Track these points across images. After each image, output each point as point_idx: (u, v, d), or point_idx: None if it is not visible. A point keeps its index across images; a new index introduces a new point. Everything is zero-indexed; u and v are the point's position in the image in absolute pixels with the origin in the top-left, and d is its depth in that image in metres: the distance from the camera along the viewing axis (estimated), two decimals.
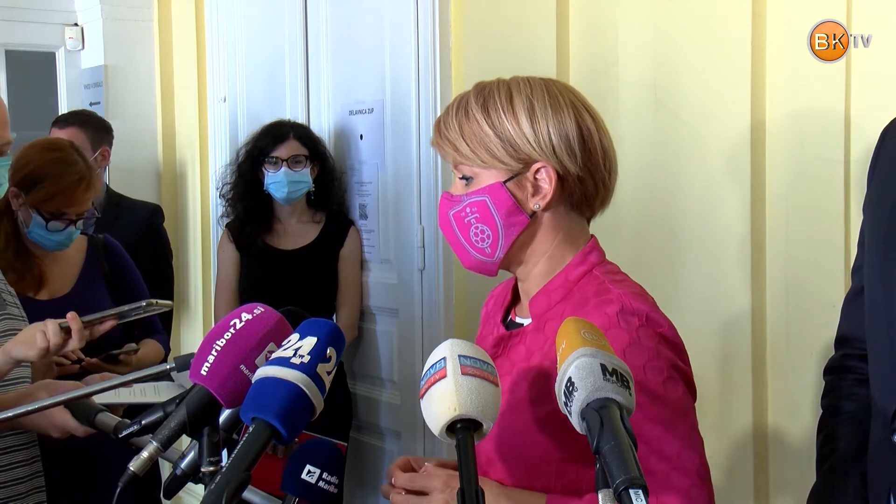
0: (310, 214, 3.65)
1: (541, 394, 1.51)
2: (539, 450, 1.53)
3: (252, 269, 3.68)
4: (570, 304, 1.55)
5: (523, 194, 1.57)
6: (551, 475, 1.52)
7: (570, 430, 1.47)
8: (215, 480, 1.11)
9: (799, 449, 2.39)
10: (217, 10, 4.59)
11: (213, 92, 4.64)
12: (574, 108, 1.57)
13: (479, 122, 1.57)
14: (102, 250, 2.97)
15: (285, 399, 1.18)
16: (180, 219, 5.02)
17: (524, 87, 1.58)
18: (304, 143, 3.59)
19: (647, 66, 2.81)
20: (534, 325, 1.61)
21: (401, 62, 3.44)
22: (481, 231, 1.59)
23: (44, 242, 2.73)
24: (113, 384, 1.91)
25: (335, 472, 1.40)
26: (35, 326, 2.16)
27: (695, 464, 1.45)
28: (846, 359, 1.83)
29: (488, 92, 1.59)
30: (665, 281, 2.71)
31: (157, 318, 3.00)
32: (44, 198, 2.66)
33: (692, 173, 2.70)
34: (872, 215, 1.73)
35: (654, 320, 1.50)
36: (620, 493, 1.00)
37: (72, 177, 2.69)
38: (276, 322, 1.33)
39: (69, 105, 5.01)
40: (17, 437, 2.21)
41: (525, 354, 1.58)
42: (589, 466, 1.48)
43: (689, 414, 1.51)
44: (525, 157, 1.55)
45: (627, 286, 1.57)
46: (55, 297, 2.77)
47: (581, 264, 1.60)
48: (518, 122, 1.55)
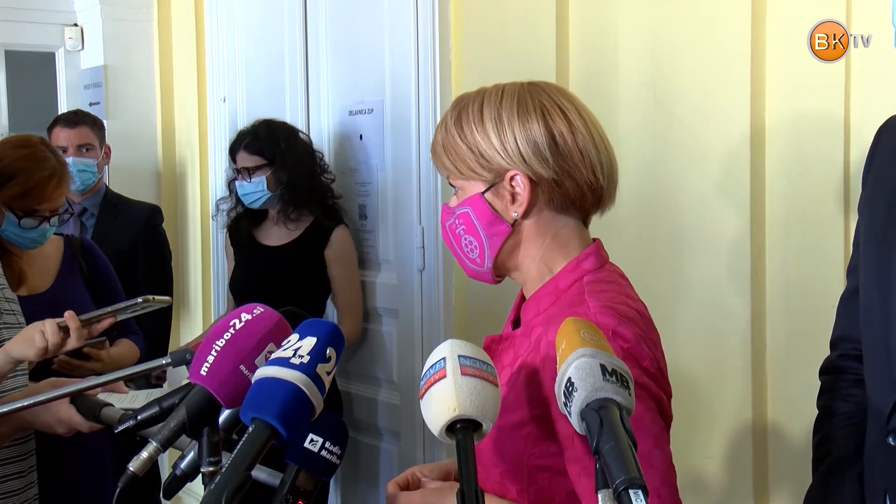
0: (297, 213, 3.60)
1: (519, 399, 1.51)
2: (512, 455, 1.52)
3: (238, 261, 3.75)
4: (555, 312, 1.54)
5: (502, 204, 1.58)
6: (524, 481, 1.52)
7: (542, 437, 1.49)
8: (215, 481, 1.11)
9: (798, 447, 2.39)
10: (217, 11, 4.59)
11: (213, 92, 4.64)
12: (544, 112, 1.56)
13: (454, 136, 1.60)
14: (80, 251, 2.96)
15: (285, 399, 1.18)
16: (180, 219, 5.02)
17: (495, 96, 1.59)
18: (254, 152, 3.56)
19: (647, 66, 2.81)
20: (522, 331, 1.60)
21: (401, 62, 3.44)
22: (469, 242, 1.62)
23: (18, 241, 2.68)
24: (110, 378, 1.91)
25: (338, 442, 1.39)
26: (34, 326, 2.17)
27: (654, 483, 1.37)
28: (842, 359, 1.83)
29: (463, 105, 1.61)
30: (664, 280, 2.72)
31: (133, 320, 2.98)
32: (15, 195, 2.61)
33: (691, 173, 2.70)
34: (868, 215, 1.72)
35: (620, 335, 1.46)
36: (620, 493, 1.00)
37: (42, 172, 2.64)
38: (275, 322, 1.33)
39: (69, 105, 5.01)
40: (11, 448, 2.21)
41: (512, 359, 1.58)
42: (560, 474, 1.49)
43: (653, 430, 1.44)
44: (496, 167, 1.56)
45: (606, 298, 1.53)
46: (34, 293, 2.74)
47: (573, 271, 1.59)
48: (486, 133, 1.56)
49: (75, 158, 3.80)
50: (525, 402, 1.50)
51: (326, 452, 1.38)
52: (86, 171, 3.85)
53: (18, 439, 2.23)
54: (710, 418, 2.65)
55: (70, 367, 2.68)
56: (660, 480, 1.41)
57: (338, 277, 3.57)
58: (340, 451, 1.39)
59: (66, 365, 2.68)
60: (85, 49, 5.14)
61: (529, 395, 1.50)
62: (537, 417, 1.49)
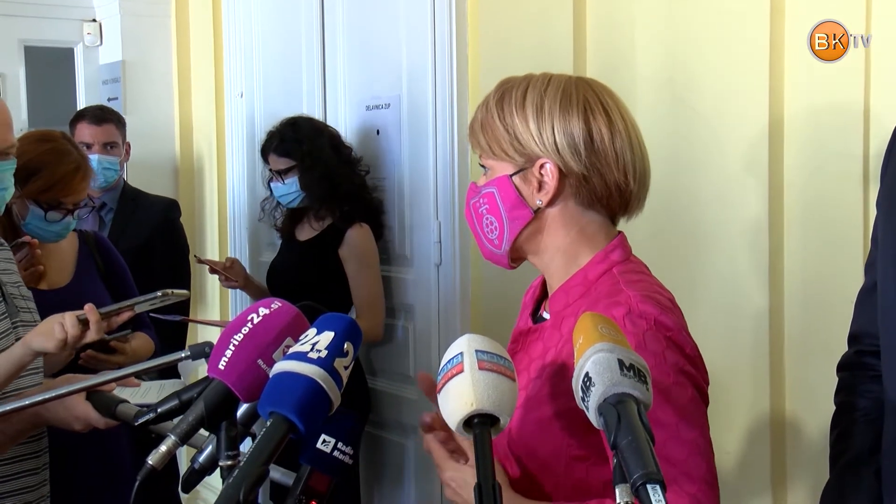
0: (326, 211, 3.63)
1: (553, 391, 1.51)
2: (549, 447, 1.52)
3: (277, 253, 3.87)
4: (586, 303, 1.55)
5: (529, 189, 1.58)
6: (560, 473, 1.52)
7: (581, 428, 1.48)
8: (233, 474, 1.12)
9: (816, 442, 2.39)
10: (234, 6, 4.60)
11: (231, 87, 4.65)
12: (586, 108, 1.56)
13: (493, 115, 1.60)
14: (94, 246, 2.98)
15: (302, 393, 1.18)
16: (197, 214, 5.04)
17: (541, 84, 1.59)
18: (283, 154, 3.60)
19: (664, 61, 2.80)
20: (552, 322, 1.60)
21: (417, 57, 3.44)
22: (490, 222, 1.62)
23: (41, 234, 2.71)
24: (128, 372, 1.92)
25: (350, 442, 1.39)
26: (53, 318, 2.17)
27: (701, 470, 1.43)
28: (859, 355, 1.82)
29: (508, 87, 1.62)
30: (683, 275, 2.71)
31: (146, 314, 3.00)
32: (41, 188, 2.66)
33: (710, 168, 2.69)
34: (886, 210, 1.71)
35: (662, 324, 1.47)
36: (638, 488, 1.00)
37: (67, 166, 2.70)
38: (293, 317, 1.33)
39: (87, 101, 5.03)
40: (26, 445, 2.22)
41: (542, 351, 1.58)
42: (599, 464, 1.49)
43: (699, 418, 1.48)
44: (529, 152, 1.57)
45: (641, 287, 1.54)
46: (54, 287, 2.77)
47: (601, 262, 1.59)
48: (525, 118, 1.57)
49: (101, 156, 3.81)
50: (561, 394, 1.49)
51: (339, 453, 1.38)
52: (110, 168, 3.86)
53: (33, 436, 2.24)
54: (727, 413, 2.65)
55: (96, 361, 2.70)
56: (706, 468, 1.43)
57: (353, 276, 3.57)
58: (353, 451, 1.39)
59: (91, 360, 2.70)
60: (103, 45, 5.16)
61: (565, 387, 1.50)
62: (573, 409, 1.49)
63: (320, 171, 3.56)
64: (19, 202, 2.68)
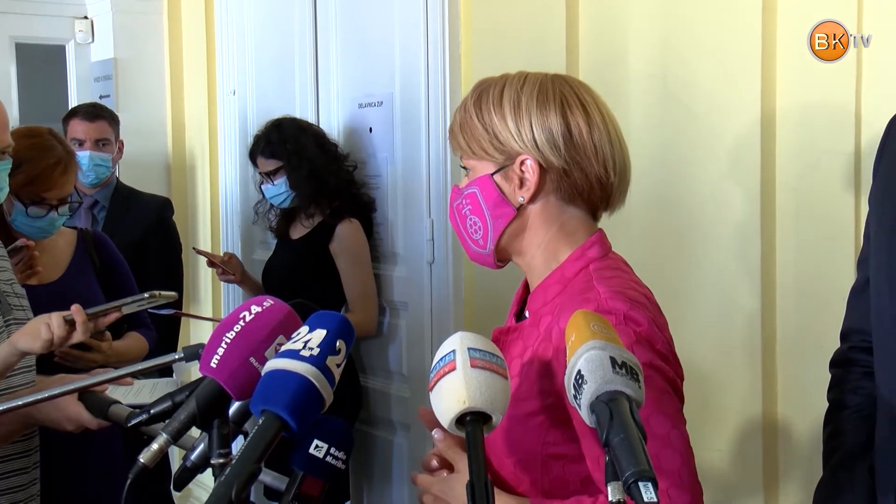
0: (316, 209, 3.64)
1: (532, 389, 1.52)
2: (527, 444, 1.53)
3: (272, 252, 3.89)
4: (561, 301, 1.55)
5: (510, 187, 1.59)
6: (538, 470, 1.53)
7: (555, 426, 1.49)
8: (226, 472, 1.12)
9: (808, 440, 2.39)
10: (226, 3, 4.59)
11: (223, 85, 4.65)
12: (563, 103, 1.57)
13: (472, 116, 1.61)
14: (92, 244, 2.97)
15: (294, 391, 1.18)
16: (190, 212, 5.03)
17: (517, 82, 1.61)
18: (270, 156, 3.62)
19: (657, 58, 2.80)
20: (530, 321, 1.61)
21: (410, 55, 3.44)
22: (474, 223, 1.63)
23: (27, 230, 2.70)
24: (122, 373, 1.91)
25: (343, 447, 1.39)
26: (40, 319, 2.16)
27: (675, 464, 1.40)
28: (852, 351, 1.83)
29: (485, 87, 1.63)
30: (675, 272, 2.72)
31: (146, 313, 2.99)
32: (21, 183, 2.62)
33: (702, 165, 2.69)
34: (879, 207, 1.72)
35: (632, 318, 1.47)
36: (630, 485, 1.00)
37: (48, 160, 2.67)
38: (285, 314, 1.33)
39: (79, 98, 5.02)
40: (16, 445, 2.21)
41: (521, 349, 1.59)
42: (575, 462, 1.50)
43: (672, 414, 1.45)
44: (509, 149, 1.57)
45: (614, 284, 1.54)
46: (44, 283, 2.75)
47: (578, 259, 1.59)
48: (503, 115, 1.58)
49: (93, 153, 3.81)
50: (538, 393, 1.50)
51: (331, 458, 1.38)
52: (101, 165, 3.86)
53: (23, 435, 2.23)
54: (719, 411, 2.65)
55: (72, 357, 2.68)
56: (681, 461, 1.41)
57: (344, 271, 3.59)
58: (345, 456, 1.39)
59: (67, 356, 2.68)
60: (95, 42, 5.15)
61: (542, 385, 1.50)
62: (550, 407, 1.50)
63: (307, 169, 3.58)
64: (6, 198, 2.67)
